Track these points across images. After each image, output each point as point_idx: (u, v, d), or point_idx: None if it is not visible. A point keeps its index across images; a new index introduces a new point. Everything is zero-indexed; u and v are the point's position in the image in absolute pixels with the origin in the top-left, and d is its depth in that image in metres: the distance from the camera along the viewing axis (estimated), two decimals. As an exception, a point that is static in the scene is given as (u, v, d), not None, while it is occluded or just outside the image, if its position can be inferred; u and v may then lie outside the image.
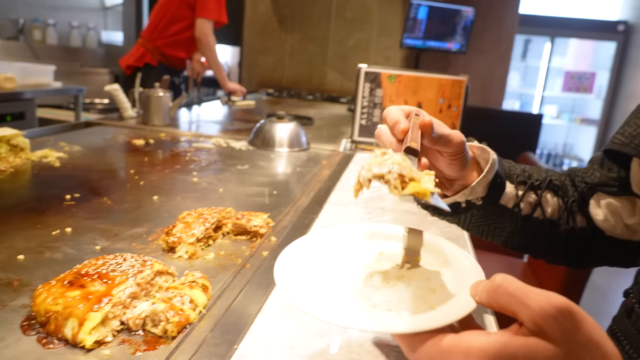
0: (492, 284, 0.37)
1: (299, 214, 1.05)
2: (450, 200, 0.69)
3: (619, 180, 0.70)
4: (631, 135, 0.66)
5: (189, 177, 1.27)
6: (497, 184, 0.69)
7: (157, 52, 2.82)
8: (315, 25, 4.26)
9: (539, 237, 0.74)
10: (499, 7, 4.03)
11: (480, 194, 0.68)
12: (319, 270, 0.51)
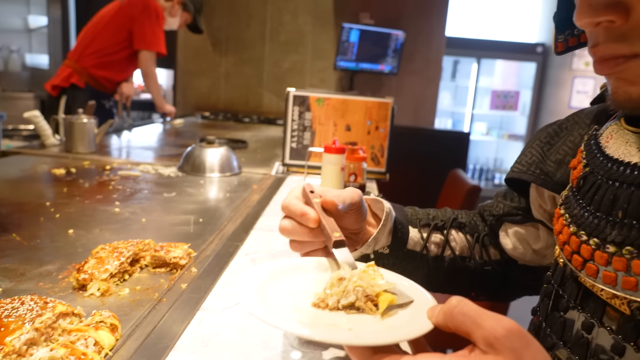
0: (448, 305, 0.39)
1: (224, 242, 1.03)
2: (358, 254, 0.70)
3: (521, 208, 0.74)
4: (527, 163, 0.70)
5: (111, 208, 1.22)
6: (399, 231, 0.71)
7: (85, 74, 2.70)
8: (250, 48, 4.27)
9: (455, 275, 0.77)
10: (426, 30, 4.21)
11: (385, 243, 0.70)
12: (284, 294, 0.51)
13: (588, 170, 0.53)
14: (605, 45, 0.44)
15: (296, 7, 4.18)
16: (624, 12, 0.41)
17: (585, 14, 0.43)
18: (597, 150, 0.53)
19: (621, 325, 0.47)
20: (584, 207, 0.52)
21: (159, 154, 2.15)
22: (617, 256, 0.45)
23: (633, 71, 0.43)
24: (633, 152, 0.48)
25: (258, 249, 1.01)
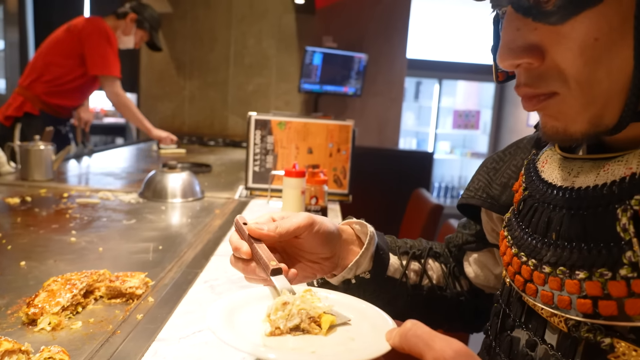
0: (403, 328, 0.41)
1: (183, 270, 1.02)
2: (339, 278, 0.70)
3: (477, 235, 0.77)
4: (475, 188, 0.73)
5: (67, 237, 1.19)
6: (381, 256, 0.72)
7: (38, 101, 2.58)
8: (214, 71, 4.28)
9: (433, 305, 0.78)
10: (388, 52, 4.31)
11: (367, 268, 0.70)
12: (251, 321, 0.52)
13: (527, 194, 0.56)
14: (526, 85, 0.46)
15: (260, 31, 4.22)
16: (540, 55, 0.44)
17: (506, 56, 0.45)
18: (535, 174, 0.56)
19: (560, 342, 0.48)
20: (523, 229, 0.54)
21: (120, 180, 2.11)
22: (552, 276, 0.47)
23: (554, 108, 0.46)
24: (565, 176, 0.50)
25: (218, 276, 1.00)
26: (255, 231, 0.59)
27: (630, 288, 0.41)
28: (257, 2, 4.19)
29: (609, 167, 0.45)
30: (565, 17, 0.41)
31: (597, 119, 0.44)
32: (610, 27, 0.40)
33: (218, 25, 4.22)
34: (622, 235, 0.42)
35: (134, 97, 4.65)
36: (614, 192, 0.43)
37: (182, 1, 4.19)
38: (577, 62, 0.42)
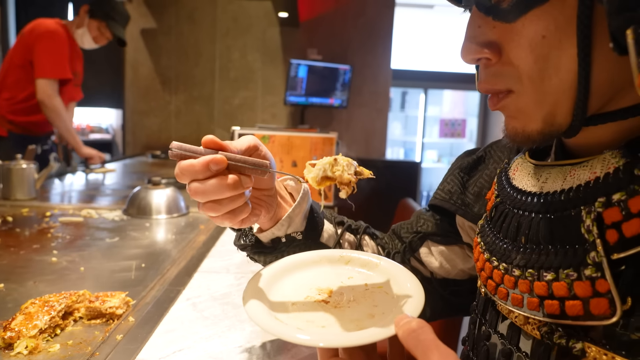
0: (409, 326, 0.41)
1: (165, 287, 1.01)
2: (269, 235, 0.68)
3: (449, 230, 0.77)
4: (449, 191, 0.73)
5: (47, 257, 1.18)
6: (315, 219, 0.71)
7: (5, 121, 2.44)
8: (200, 85, 4.28)
9: None
10: (373, 64, 4.35)
11: (299, 227, 0.69)
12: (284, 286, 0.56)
13: (499, 201, 0.57)
14: (485, 81, 0.49)
15: (245, 45, 4.24)
16: (498, 51, 0.46)
17: (466, 51, 0.48)
18: (506, 181, 0.57)
19: (534, 349, 0.49)
20: (495, 235, 0.55)
21: (105, 197, 2.10)
22: (522, 279, 0.48)
23: (512, 106, 0.48)
24: (534, 182, 0.52)
25: (200, 293, 0.99)
26: (215, 142, 0.53)
27: (594, 288, 0.42)
28: (241, 16, 4.21)
29: (575, 172, 0.47)
30: (516, 15, 0.44)
31: (551, 117, 0.45)
32: (557, 26, 0.42)
33: (203, 39, 4.24)
34: (586, 237, 0.43)
35: (120, 113, 4.64)
36: (579, 195, 0.45)
37: (166, 16, 4.20)
38: (528, 58, 0.44)
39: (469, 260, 0.77)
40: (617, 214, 0.41)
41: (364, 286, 0.58)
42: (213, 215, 0.54)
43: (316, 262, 0.62)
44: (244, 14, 4.21)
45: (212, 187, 0.51)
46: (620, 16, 0.35)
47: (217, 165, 0.50)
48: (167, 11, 4.19)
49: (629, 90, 0.43)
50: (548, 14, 0.42)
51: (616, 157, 0.44)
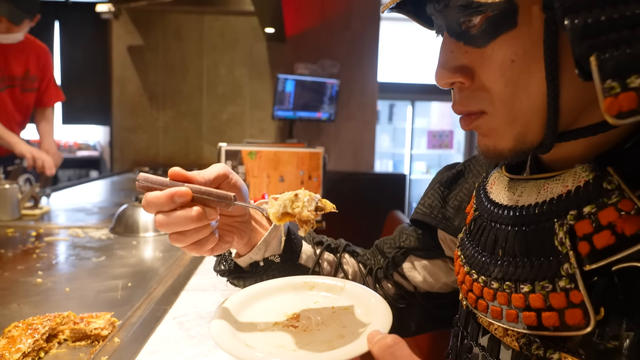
0: (384, 342, 0.41)
1: (152, 307, 1.00)
2: (247, 259, 0.68)
3: (429, 244, 0.78)
4: (430, 206, 0.74)
5: (32, 279, 1.17)
6: (292, 240, 0.71)
7: None
8: (188, 101, 4.29)
9: None
10: (359, 77, 4.38)
11: (276, 251, 0.69)
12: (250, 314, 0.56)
13: (477, 214, 0.58)
14: (459, 103, 0.51)
15: (232, 60, 4.26)
16: (470, 75, 0.48)
17: (440, 76, 0.50)
18: (484, 195, 0.58)
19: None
20: (474, 248, 0.56)
21: (92, 215, 2.08)
22: (500, 291, 0.49)
23: (485, 126, 0.50)
24: (510, 195, 0.53)
25: (187, 312, 0.99)
26: (181, 174, 0.54)
27: (569, 299, 0.43)
28: (228, 32, 4.24)
29: (548, 185, 0.48)
30: (486, 40, 0.45)
31: (522, 137, 0.47)
32: (524, 51, 0.44)
33: (190, 55, 4.25)
34: (559, 249, 0.44)
35: (107, 129, 4.63)
36: (552, 209, 0.46)
37: (152, 33, 4.21)
38: (499, 81, 0.46)
39: (452, 274, 0.77)
40: (588, 226, 0.43)
41: (330, 309, 0.58)
42: (179, 245, 0.55)
43: (281, 289, 0.62)
44: (231, 29, 4.24)
45: (177, 219, 0.51)
46: (583, 43, 0.37)
47: (181, 197, 0.51)
48: (153, 28, 4.21)
49: (596, 107, 0.45)
50: (516, 39, 0.44)
51: (586, 171, 0.45)
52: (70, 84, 4.53)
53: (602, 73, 0.36)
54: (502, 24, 0.44)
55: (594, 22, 0.36)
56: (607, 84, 0.36)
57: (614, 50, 0.36)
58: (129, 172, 3.84)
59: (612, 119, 0.36)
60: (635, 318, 0.40)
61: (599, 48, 0.36)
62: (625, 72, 0.35)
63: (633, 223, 0.40)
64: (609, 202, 0.42)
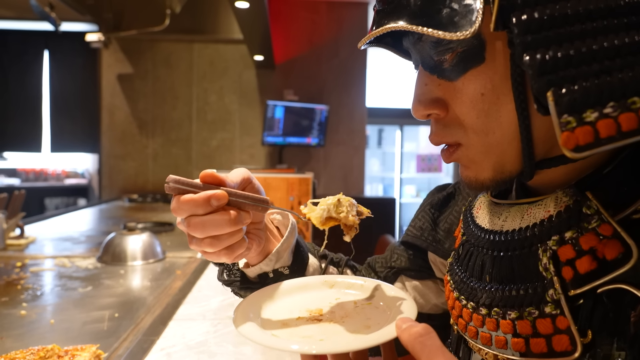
0: (415, 330, 0.40)
1: (139, 338, 0.98)
2: (256, 270, 0.67)
3: (422, 265, 0.77)
4: (421, 228, 0.74)
5: (16, 310, 1.14)
6: (301, 253, 0.70)
7: None
8: (177, 128, 4.30)
9: None
10: (348, 103, 4.43)
11: (286, 262, 0.68)
12: (271, 311, 0.55)
13: (464, 239, 0.58)
14: (435, 134, 0.51)
15: (221, 87, 4.29)
16: (444, 107, 0.49)
17: (417, 108, 0.50)
18: (471, 220, 0.58)
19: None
20: (463, 273, 0.56)
21: (79, 244, 2.05)
22: (489, 317, 0.49)
23: (464, 158, 0.50)
24: (495, 220, 0.53)
25: (175, 342, 0.97)
26: (214, 177, 0.51)
27: (555, 325, 0.43)
28: (217, 59, 4.28)
29: (531, 210, 0.48)
30: (457, 74, 0.46)
31: (500, 166, 0.48)
32: (493, 85, 0.45)
33: (179, 83, 4.28)
34: (544, 274, 0.44)
35: (96, 157, 4.61)
36: (535, 234, 0.46)
37: (142, 61, 4.24)
38: (471, 113, 0.46)
39: (442, 295, 0.77)
40: (570, 252, 0.43)
41: (353, 303, 0.58)
42: (210, 250, 0.53)
43: (300, 287, 0.62)
44: (220, 57, 4.28)
45: (213, 222, 0.50)
46: (540, 79, 0.38)
47: (218, 201, 0.49)
48: (143, 56, 4.24)
49: None
50: (484, 74, 0.45)
51: (567, 196, 0.45)
52: (59, 112, 4.54)
53: (558, 108, 0.37)
54: (470, 59, 0.45)
55: (551, 59, 0.38)
56: (564, 118, 0.37)
57: (570, 85, 0.37)
58: (118, 199, 3.81)
59: (570, 152, 0.37)
60: (624, 338, 0.40)
61: (555, 84, 0.37)
62: (580, 106, 0.36)
63: (613, 248, 0.40)
64: (589, 227, 0.42)
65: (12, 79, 4.46)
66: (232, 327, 1.05)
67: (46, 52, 4.47)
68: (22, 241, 1.92)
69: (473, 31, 0.40)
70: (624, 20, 0.38)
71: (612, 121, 0.36)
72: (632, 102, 0.36)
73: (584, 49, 0.37)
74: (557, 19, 0.38)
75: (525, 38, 0.39)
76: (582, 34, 0.38)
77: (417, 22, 0.43)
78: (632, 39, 0.37)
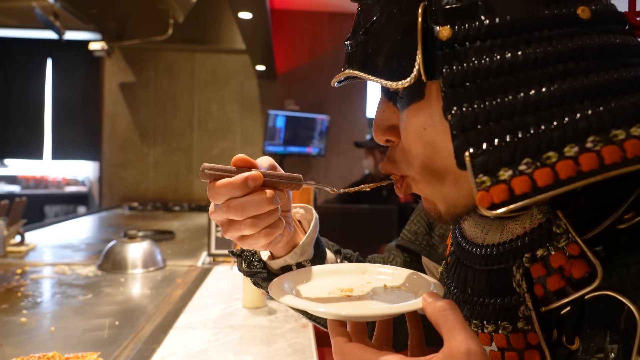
0: (441, 305, 0.40)
1: (139, 346, 0.98)
2: (281, 262, 0.67)
3: (416, 268, 0.77)
4: (415, 232, 0.74)
5: (16, 318, 1.14)
6: (321, 246, 0.71)
7: None
8: (179, 137, 4.31)
9: None
10: (349, 113, 4.45)
11: (309, 256, 0.68)
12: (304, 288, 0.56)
13: (452, 250, 0.58)
14: (383, 164, 0.53)
15: (223, 97, 4.31)
16: (398, 134, 0.50)
17: (375, 132, 0.52)
18: (458, 231, 0.59)
19: None
20: (450, 284, 0.56)
21: (79, 252, 2.04)
22: None
23: (415, 190, 0.51)
24: (478, 233, 0.53)
25: (176, 351, 0.97)
26: (246, 160, 0.53)
27: (526, 340, 0.44)
28: (219, 69, 4.30)
29: (510, 226, 0.49)
30: (403, 106, 0.47)
31: (452, 201, 0.48)
32: (433, 121, 0.45)
33: (181, 92, 4.30)
34: (517, 290, 0.45)
35: (96, 165, 4.62)
36: (511, 250, 0.47)
37: (145, 71, 4.27)
38: (418, 144, 0.47)
39: None
40: (541, 269, 0.44)
41: (383, 287, 0.59)
42: (250, 232, 0.53)
43: (333, 272, 0.63)
44: (222, 67, 4.30)
45: (253, 202, 0.50)
46: (458, 137, 0.39)
47: (255, 181, 0.50)
48: (145, 66, 4.26)
49: None
50: (425, 110, 0.45)
51: (541, 214, 0.46)
52: (61, 120, 4.56)
53: (474, 169, 0.38)
54: (412, 95, 0.46)
55: (471, 114, 0.38)
56: (479, 178, 0.38)
57: (486, 145, 0.38)
58: (118, 207, 3.81)
59: (485, 210, 0.38)
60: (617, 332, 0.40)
61: (472, 143, 0.38)
62: (494, 166, 0.37)
63: (579, 267, 0.41)
64: (558, 245, 0.43)
65: (15, 87, 4.48)
66: (233, 336, 1.06)
67: (49, 60, 4.50)
68: (22, 248, 1.92)
69: (410, 81, 0.42)
70: (549, 70, 0.38)
71: (526, 178, 0.37)
72: (546, 158, 0.37)
73: (506, 102, 0.38)
74: (480, 71, 0.39)
75: (449, 91, 0.40)
76: (505, 87, 0.38)
77: (366, 71, 0.46)
78: (558, 89, 0.38)
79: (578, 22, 0.40)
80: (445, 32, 0.40)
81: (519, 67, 0.38)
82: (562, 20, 0.40)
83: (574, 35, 0.39)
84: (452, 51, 0.40)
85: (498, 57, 0.39)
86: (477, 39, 0.39)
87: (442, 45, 0.40)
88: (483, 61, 0.39)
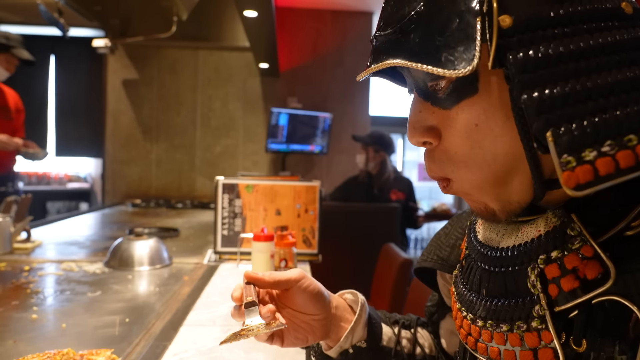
0: None
1: (151, 343, 0.99)
2: (337, 349, 0.70)
3: (438, 303, 0.79)
4: (427, 252, 0.75)
5: (27, 314, 1.15)
6: (374, 324, 0.73)
7: None
8: (181, 134, 4.32)
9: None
10: (351, 111, 4.46)
11: (362, 336, 0.71)
12: None
13: (467, 253, 0.59)
14: (428, 168, 0.52)
15: (226, 94, 4.31)
16: (437, 135, 0.49)
17: (412, 134, 0.50)
18: (473, 234, 0.60)
19: None
20: (464, 286, 0.57)
21: (85, 249, 2.05)
22: (484, 329, 0.51)
23: (460, 192, 0.51)
24: (493, 237, 0.54)
25: (187, 348, 0.98)
26: (250, 275, 0.63)
27: (540, 338, 0.45)
28: (222, 66, 4.31)
29: (525, 229, 0.50)
30: (451, 103, 0.47)
31: (505, 197, 0.48)
32: (487, 116, 0.45)
33: (184, 89, 4.30)
34: (532, 291, 0.46)
35: (99, 161, 4.62)
36: (526, 252, 0.48)
37: (148, 68, 4.27)
38: (465, 145, 0.47)
39: None
40: (556, 270, 0.45)
41: None
42: None
43: None
44: (225, 64, 4.31)
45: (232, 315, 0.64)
46: (538, 118, 0.39)
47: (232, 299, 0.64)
48: (149, 63, 4.27)
49: None
50: (478, 105, 0.45)
51: (556, 217, 0.47)
52: (64, 117, 4.56)
53: (558, 148, 0.38)
54: (464, 89, 0.45)
55: (548, 97, 0.39)
56: (564, 158, 0.38)
57: (568, 125, 0.38)
58: (121, 204, 3.82)
59: (571, 191, 0.38)
60: (626, 341, 0.41)
61: (553, 123, 0.38)
62: (579, 146, 0.38)
63: (592, 268, 0.42)
64: (572, 247, 0.44)
65: (18, 83, 4.48)
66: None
67: (52, 57, 4.50)
68: (28, 245, 1.93)
69: (471, 69, 0.41)
70: (616, 58, 0.40)
71: (610, 159, 0.37)
72: (628, 140, 0.37)
73: (579, 87, 0.38)
74: (552, 58, 0.40)
75: (522, 77, 0.40)
76: (577, 73, 0.39)
77: (416, 59, 0.44)
78: (624, 76, 0.39)
79: (625, 17, 0.42)
80: (507, 20, 0.41)
81: (587, 54, 0.39)
82: (612, 14, 0.42)
83: (623, 28, 0.41)
84: (517, 39, 0.41)
85: (565, 44, 0.40)
86: (539, 28, 0.40)
87: (503, 33, 0.41)
88: (551, 49, 0.39)
